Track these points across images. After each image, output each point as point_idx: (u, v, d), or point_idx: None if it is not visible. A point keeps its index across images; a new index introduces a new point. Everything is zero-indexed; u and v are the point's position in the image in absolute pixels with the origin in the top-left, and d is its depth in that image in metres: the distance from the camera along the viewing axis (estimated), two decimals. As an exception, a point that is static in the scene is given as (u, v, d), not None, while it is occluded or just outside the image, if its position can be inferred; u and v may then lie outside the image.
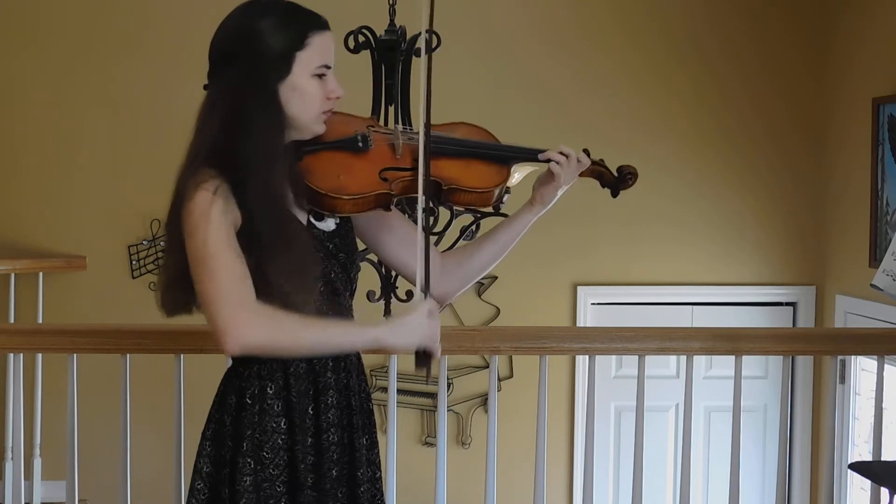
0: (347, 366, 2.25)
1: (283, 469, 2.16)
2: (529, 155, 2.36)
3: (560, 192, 2.36)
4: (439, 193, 2.27)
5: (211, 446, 2.20)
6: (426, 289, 2.15)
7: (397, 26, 3.15)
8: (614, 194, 2.44)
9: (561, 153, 2.32)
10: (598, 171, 2.41)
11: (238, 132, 2.06)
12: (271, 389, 2.15)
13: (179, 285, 2.10)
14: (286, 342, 2.02)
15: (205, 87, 2.17)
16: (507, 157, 2.35)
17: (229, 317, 1.95)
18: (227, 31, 2.13)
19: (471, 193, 2.29)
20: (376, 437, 2.33)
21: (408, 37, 3.13)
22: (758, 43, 5.37)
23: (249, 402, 2.15)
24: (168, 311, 2.16)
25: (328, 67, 2.13)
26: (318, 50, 2.10)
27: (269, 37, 2.07)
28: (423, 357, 2.13)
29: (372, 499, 2.27)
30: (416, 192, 2.19)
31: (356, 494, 2.23)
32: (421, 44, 2.27)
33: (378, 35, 3.06)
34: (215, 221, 1.99)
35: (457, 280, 2.37)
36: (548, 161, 2.33)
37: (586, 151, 2.38)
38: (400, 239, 2.33)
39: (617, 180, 2.42)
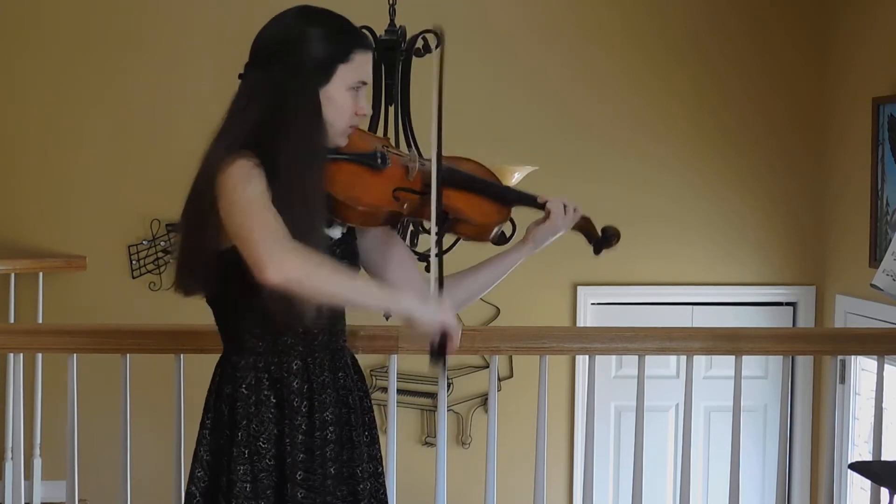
0: (343, 365, 2.28)
1: (278, 460, 2.19)
2: (531, 201, 2.49)
3: (553, 238, 2.48)
4: (444, 222, 2.35)
5: (210, 435, 2.24)
6: (440, 284, 2.21)
7: (397, 26, 3.15)
8: (596, 252, 2.60)
9: (563, 203, 2.45)
10: (585, 228, 2.57)
11: (279, 124, 2.12)
12: (266, 382, 2.19)
13: (197, 262, 2.14)
14: (321, 282, 2.01)
15: (240, 77, 2.22)
16: (509, 198, 2.47)
17: (272, 248, 1.96)
18: (277, 30, 2.19)
19: (474, 226, 2.40)
20: (377, 433, 2.36)
21: (408, 37, 3.13)
22: (758, 43, 5.37)
23: (245, 391, 2.19)
24: (185, 291, 2.20)
25: (364, 84, 2.21)
26: (359, 66, 2.19)
27: (319, 44, 2.15)
28: (440, 349, 2.14)
29: (375, 493, 2.30)
30: (424, 216, 2.32)
31: (357, 492, 2.24)
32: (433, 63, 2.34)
33: (378, 35, 3.06)
34: (256, 182, 2.03)
35: None
36: (543, 207, 2.46)
37: (576, 209, 2.52)
38: (397, 261, 2.40)
39: (601, 240, 2.58)
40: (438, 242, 2.26)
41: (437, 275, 2.22)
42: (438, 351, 2.15)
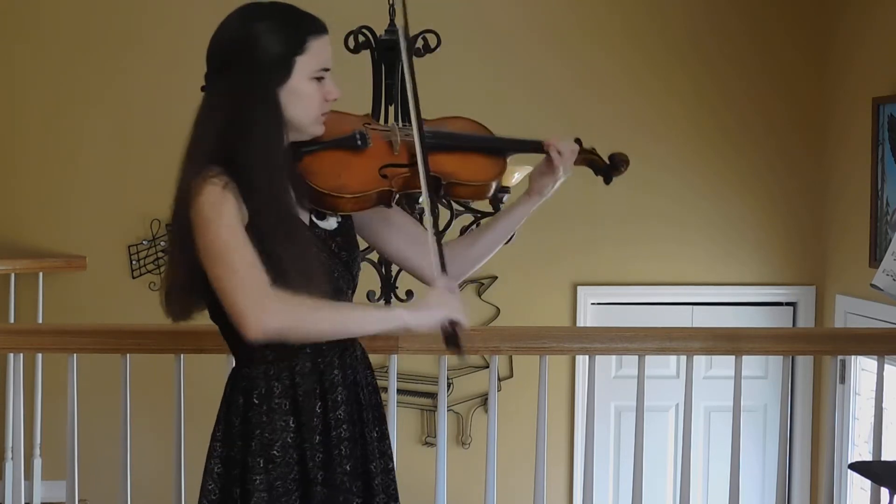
0: (353, 362, 2.27)
1: (294, 466, 2.17)
2: (525, 146, 2.39)
3: (557, 184, 2.39)
4: (439, 188, 2.28)
5: (221, 447, 2.20)
6: (443, 267, 2.16)
7: (397, 26, 3.15)
8: (607, 181, 2.47)
9: (557, 147, 2.36)
10: (590, 158, 2.45)
11: (240, 136, 2.07)
12: (278, 389, 2.17)
13: (185, 290, 2.12)
14: (307, 326, 2.01)
15: (202, 89, 2.18)
16: (502, 148, 2.37)
17: (250, 303, 1.94)
18: (225, 36, 2.13)
19: (469, 187, 2.31)
20: (387, 430, 2.35)
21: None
22: (758, 43, 5.37)
23: (257, 402, 2.16)
24: (175, 317, 2.17)
25: (326, 70, 2.14)
26: (317, 54, 2.11)
27: (269, 42, 2.08)
28: (452, 333, 2.11)
29: (386, 489, 2.30)
30: (416, 188, 2.22)
31: (371, 486, 2.25)
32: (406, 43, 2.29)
33: (378, 35, 3.06)
34: (227, 213, 2.00)
35: (459, 264, 2.39)
36: (545, 152, 2.36)
37: (578, 141, 2.42)
38: (402, 234, 2.35)
39: (609, 167, 2.46)
40: (434, 224, 2.18)
41: (438, 254, 2.16)
42: (451, 340, 2.11)
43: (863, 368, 4.94)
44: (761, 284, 5.43)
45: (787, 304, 5.46)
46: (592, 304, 5.37)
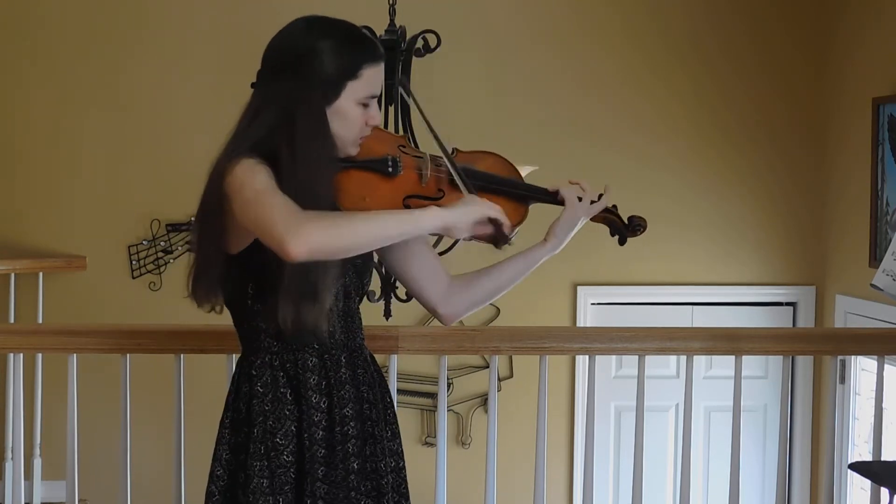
0: (362, 362, 2.30)
1: (297, 456, 2.20)
2: (550, 197, 2.39)
3: (573, 232, 2.42)
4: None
5: (229, 433, 2.25)
6: (467, 187, 2.21)
7: (397, 26, 3.15)
8: (622, 242, 2.47)
9: (580, 187, 2.39)
10: (609, 218, 2.44)
11: (285, 144, 2.11)
12: (283, 377, 2.21)
13: (210, 275, 2.17)
14: (347, 235, 2.01)
15: (252, 86, 2.21)
16: (527, 196, 2.38)
17: (287, 225, 1.95)
18: (287, 43, 2.18)
19: (490, 230, 2.30)
20: (398, 429, 2.38)
21: (408, 37, 3.14)
22: (758, 43, 5.37)
23: (261, 390, 2.21)
24: (198, 301, 2.22)
25: (374, 97, 2.20)
26: (368, 82, 2.18)
27: (327, 61, 2.14)
28: (498, 229, 2.15)
29: (397, 488, 2.32)
30: None
31: (380, 486, 2.26)
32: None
33: (378, 35, 3.06)
34: (262, 174, 2.04)
35: (463, 302, 2.43)
36: (561, 202, 2.39)
37: (601, 196, 2.42)
38: (417, 254, 2.39)
39: (626, 227, 2.45)
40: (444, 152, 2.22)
41: (457, 171, 2.20)
42: (500, 237, 2.16)
43: (863, 368, 4.94)
44: (761, 284, 5.43)
45: (787, 304, 5.46)
46: (592, 304, 5.37)
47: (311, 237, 1.95)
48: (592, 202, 2.40)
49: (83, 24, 5.20)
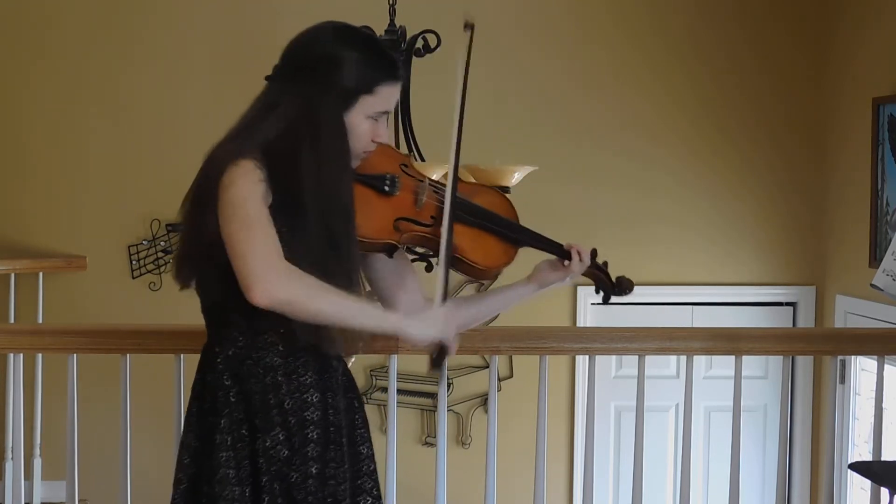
0: (328, 367, 2.27)
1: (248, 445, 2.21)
2: (547, 245, 2.40)
3: (562, 284, 2.48)
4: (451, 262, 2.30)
5: (196, 422, 2.27)
6: (444, 296, 2.20)
7: (397, 26, 3.15)
8: (605, 300, 2.52)
9: (578, 251, 2.44)
10: (598, 276, 2.49)
11: (307, 141, 2.12)
12: (246, 373, 2.21)
13: (195, 248, 2.17)
14: (311, 305, 2.04)
15: (267, 79, 2.22)
16: (521, 240, 2.38)
17: (262, 270, 1.97)
18: (312, 45, 2.20)
19: (473, 268, 2.32)
20: (367, 433, 2.36)
21: (408, 37, 3.14)
22: (757, 43, 5.37)
23: (227, 382, 2.22)
24: (182, 282, 2.24)
25: (385, 114, 2.22)
26: (382, 99, 2.20)
27: (346, 72, 2.16)
28: (439, 354, 2.15)
29: (370, 491, 2.32)
30: (425, 246, 2.28)
31: (336, 493, 2.25)
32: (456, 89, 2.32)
33: (378, 35, 3.06)
34: (257, 184, 2.05)
35: None
36: (566, 255, 2.42)
37: (594, 252, 2.47)
38: (407, 290, 2.40)
39: (613, 287, 2.51)
40: (448, 246, 2.20)
41: (443, 283, 2.19)
42: (436, 361, 2.17)
43: (863, 368, 4.94)
44: (761, 284, 5.43)
45: (787, 304, 5.46)
46: (592, 304, 5.36)
47: (279, 294, 1.98)
48: (582, 260, 2.46)
49: (84, 25, 5.20)
